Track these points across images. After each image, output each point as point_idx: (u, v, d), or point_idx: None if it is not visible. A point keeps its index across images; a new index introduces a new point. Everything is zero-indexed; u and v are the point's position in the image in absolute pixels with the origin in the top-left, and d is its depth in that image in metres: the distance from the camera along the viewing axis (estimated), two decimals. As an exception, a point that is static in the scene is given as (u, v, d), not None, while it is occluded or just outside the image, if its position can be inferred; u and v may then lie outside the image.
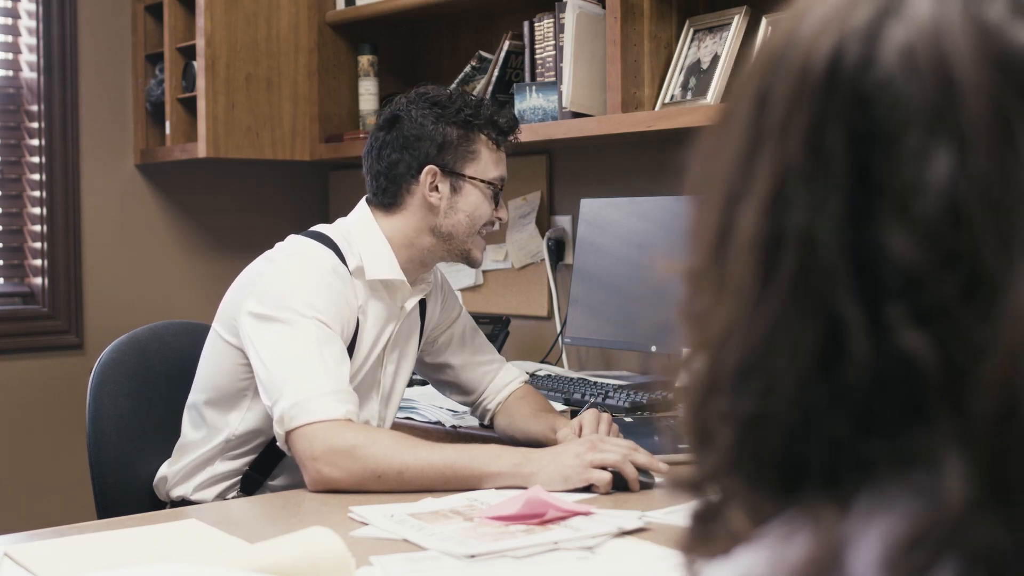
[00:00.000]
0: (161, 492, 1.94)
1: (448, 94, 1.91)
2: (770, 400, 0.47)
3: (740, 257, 0.48)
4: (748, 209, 0.48)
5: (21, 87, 3.22)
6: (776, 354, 0.47)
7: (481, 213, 1.89)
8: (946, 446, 0.44)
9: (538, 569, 1.27)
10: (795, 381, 0.46)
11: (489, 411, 2.07)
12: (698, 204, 0.52)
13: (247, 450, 1.87)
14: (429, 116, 1.87)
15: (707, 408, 0.50)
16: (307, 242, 1.84)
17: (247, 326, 1.75)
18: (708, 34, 2.46)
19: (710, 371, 0.50)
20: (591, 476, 1.59)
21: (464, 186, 1.88)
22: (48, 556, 1.31)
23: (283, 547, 1.16)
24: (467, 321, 2.11)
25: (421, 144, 1.86)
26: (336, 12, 3.19)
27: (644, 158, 2.78)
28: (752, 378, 0.48)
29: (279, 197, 3.59)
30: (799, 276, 0.46)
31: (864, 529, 0.46)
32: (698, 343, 0.51)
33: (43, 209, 3.19)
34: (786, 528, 0.48)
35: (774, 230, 0.47)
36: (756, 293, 0.48)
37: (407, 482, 1.60)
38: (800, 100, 0.47)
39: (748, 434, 0.48)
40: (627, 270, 2.56)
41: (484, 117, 1.89)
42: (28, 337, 3.16)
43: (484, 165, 1.89)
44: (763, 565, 0.48)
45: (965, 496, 0.43)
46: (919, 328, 0.44)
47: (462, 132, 1.88)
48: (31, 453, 3.17)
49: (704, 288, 0.51)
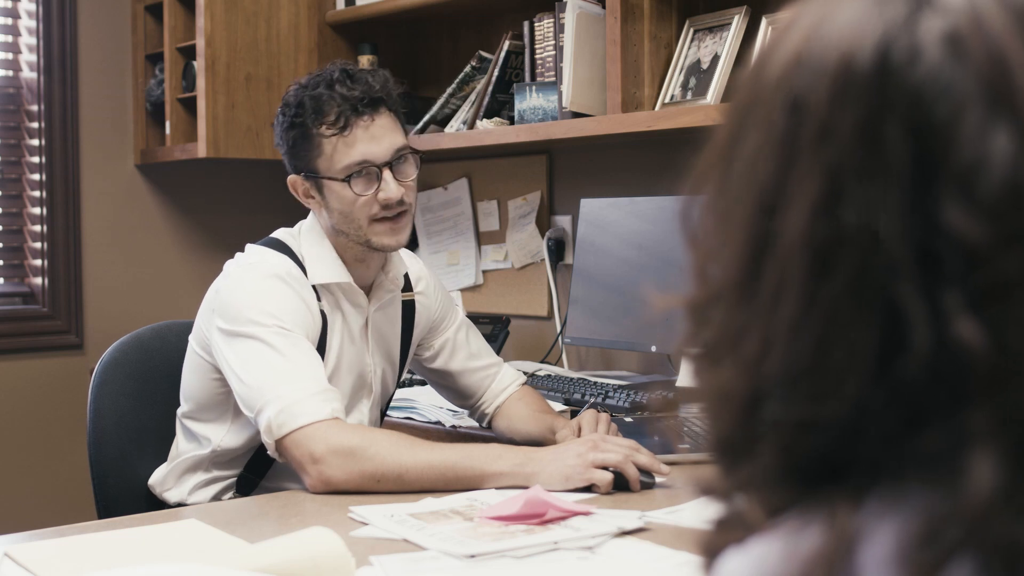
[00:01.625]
0: (157, 495, 1.93)
1: (295, 89, 1.80)
2: (825, 404, 0.47)
3: (786, 263, 0.48)
4: (794, 215, 0.48)
5: (21, 87, 3.22)
6: (832, 356, 0.47)
7: (351, 207, 1.77)
8: (981, 437, 0.44)
9: (538, 569, 1.27)
10: (853, 381, 0.46)
11: (488, 415, 2.06)
12: (718, 222, 0.52)
13: (236, 460, 1.87)
14: (282, 123, 1.81)
15: (749, 419, 0.50)
16: (260, 250, 1.83)
17: (216, 343, 1.75)
18: (708, 34, 2.46)
19: (749, 382, 0.49)
20: (592, 476, 1.58)
21: (324, 185, 1.80)
22: (48, 556, 1.31)
23: (283, 547, 1.16)
24: (464, 325, 2.08)
25: (284, 155, 1.84)
26: (336, 12, 3.19)
27: (644, 158, 2.78)
28: (803, 383, 0.48)
29: (279, 197, 3.57)
30: (858, 273, 0.46)
31: (877, 524, 0.46)
32: (725, 358, 0.51)
33: (43, 209, 3.19)
34: (800, 520, 0.48)
35: (828, 231, 0.47)
36: (806, 297, 0.47)
37: (408, 484, 1.60)
38: (844, 99, 0.47)
39: (798, 440, 0.48)
40: (627, 270, 2.56)
41: (308, 109, 1.76)
42: (28, 337, 3.16)
43: (328, 159, 1.77)
44: (776, 556, 0.48)
45: (992, 488, 0.43)
46: (975, 315, 0.44)
47: (298, 132, 1.78)
48: (31, 453, 3.17)
49: (731, 304, 0.51)
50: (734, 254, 0.51)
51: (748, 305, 0.50)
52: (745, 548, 0.50)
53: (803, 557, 0.47)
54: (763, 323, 0.49)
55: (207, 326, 1.79)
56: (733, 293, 0.51)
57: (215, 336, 1.76)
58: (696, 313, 0.53)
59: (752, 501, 0.51)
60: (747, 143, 0.51)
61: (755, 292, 0.50)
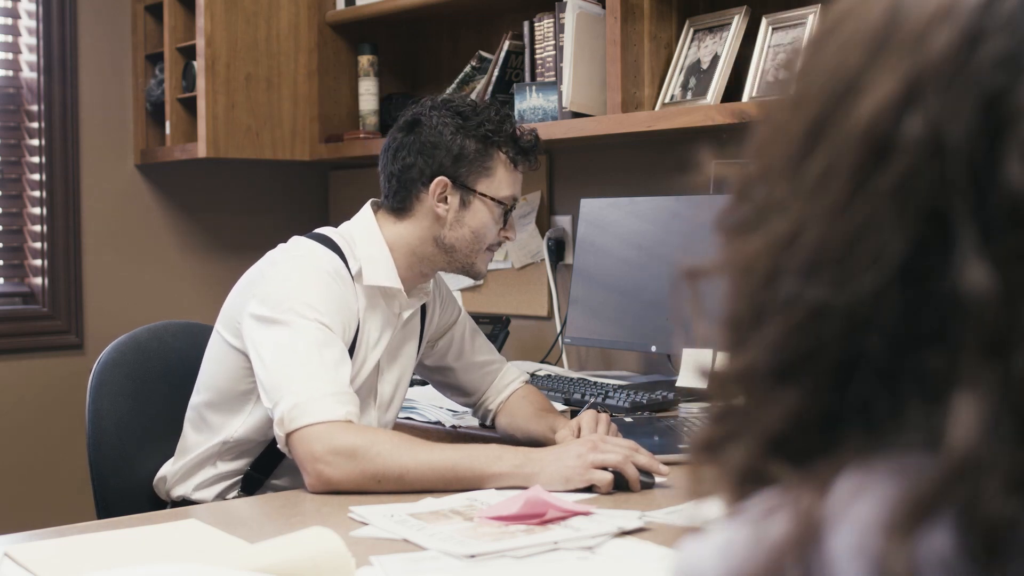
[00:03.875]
0: (161, 491, 1.94)
1: (473, 106, 1.88)
2: (842, 291, 0.47)
3: (842, 149, 0.48)
4: (865, 105, 0.48)
5: (21, 87, 3.22)
6: (861, 251, 0.46)
7: (487, 231, 1.87)
8: (970, 384, 0.44)
9: (538, 569, 1.27)
10: (872, 281, 0.46)
11: (491, 411, 2.07)
12: (790, 102, 0.52)
13: (244, 452, 1.87)
14: (449, 125, 1.85)
15: (768, 290, 0.49)
16: (310, 244, 1.84)
17: (249, 328, 1.75)
18: (708, 34, 2.46)
19: (774, 259, 0.49)
20: (592, 476, 1.59)
21: (473, 201, 1.86)
22: (48, 556, 1.31)
23: (283, 547, 1.16)
24: (467, 323, 2.10)
25: (437, 152, 1.85)
26: (336, 12, 3.19)
27: (644, 158, 2.78)
28: (826, 270, 0.47)
29: (279, 197, 3.59)
30: (912, 177, 0.46)
31: (845, 509, 0.46)
32: (757, 232, 0.51)
33: (43, 209, 3.19)
34: (767, 504, 0.48)
35: (893, 129, 0.47)
36: (853, 188, 0.47)
37: (408, 484, 1.60)
38: (945, 20, 0.47)
39: (807, 324, 0.48)
40: (627, 270, 2.56)
41: (505, 134, 1.86)
42: (28, 337, 3.16)
43: (498, 183, 1.87)
44: (743, 540, 0.48)
45: (974, 441, 0.43)
46: (997, 267, 0.44)
47: (480, 146, 1.85)
48: (31, 453, 3.17)
49: (776, 180, 0.51)
50: (793, 131, 0.51)
51: (792, 183, 0.50)
52: (712, 534, 0.50)
53: (771, 542, 0.46)
54: (802, 204, 0.49)
55: (240, 310, 1.79)
56: (781, 169, 0.51)
57: (246, 321, 1.75)
58: (743, 188, 0.53)
59: (745, 447, 0.50)
60: (840, 34, 0.51)
61: (803, 172, 0.50)
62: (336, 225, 1.92)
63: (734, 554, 0.48)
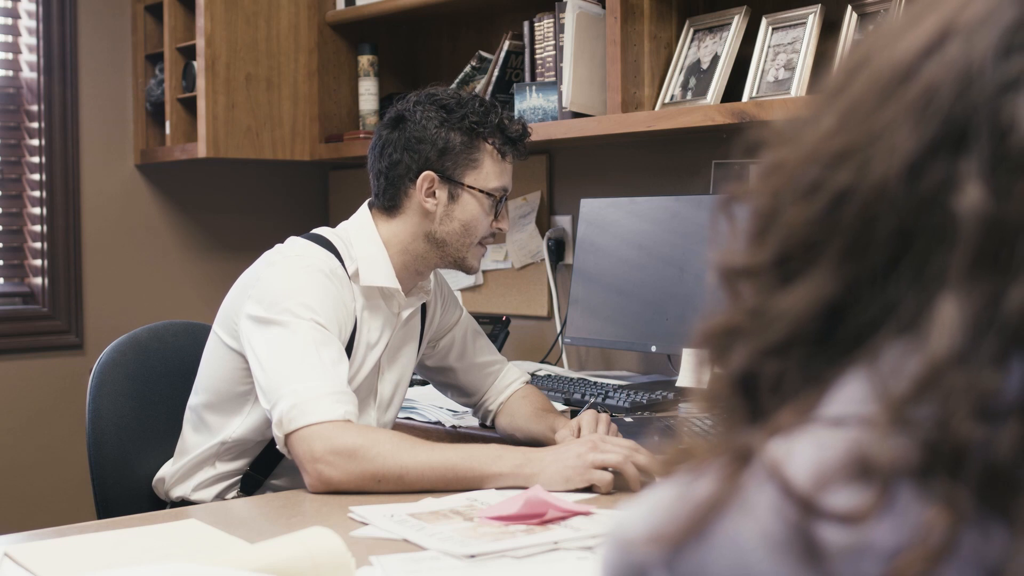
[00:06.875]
0: (160, 492, 1.94)
1: (458, 98, 1.87)
2: (863, 177, 0.50)
3: (877, 75, 0.52)
4: (903, 44, 0.51)
5: (21, 87, 3.22)
6: (878, 145, 0.50)
7: (477, 224, 1.86)
8: (955, 297, 0.46)
9: (538, 569, 1.27)
10: (883, 172, 0.49)
11: (491, 411, 2.07)
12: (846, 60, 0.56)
13: (243, 452, 1.87)
14: (434, 119, 1.84)
15: (794, 182, 0.52)
16: (306, 244, 1.83)
17: (246, 329, 1.75)
18: (708, 34, 2.46)
19: (806, 156, 0.52)
20: (592, 476, 1.59)
21: (462, 195, 1.85)
22: (48, 556, 1.31)
23: (283, 547, 1.16)
24: (469, 323, 2.10)
25: (422, 147, 1.84)
26: (336, 12, 3.19)
27: (644, 158, 2.78)
28: (848, 160, 0.51)
29: (279, 197, 3.59)
30: (933, 90, 0.49)
31: (767, 478, 0.48)
32: (788, 144, 0.54)
33: (43, 209, 3.19)
34: (697, 467, 0.51)
35: (925, 56, 0.50)
36: (881, 99, 0.51)
37: (408, 484, 1.60)
38: None
39: (832, 208, 0.50)
40: (627, 270, 2.56)
41: (491, 125, 1.85)
42: (28, 337, 3.16)
43: (485, 174, 1.86)
44: (669, 499, 0.50)
45: (953, 345, 0.45)
46: (996, 189, 0.46)
47: (465, 138, 1.84)
48: (31, 453, 3.17)
49: (818, 108, 0.54)
50: (844, 64, 0.55)
51: (830, 105, 0.53)
52: (645, 496, 0.52)
53: (694, 500, 0.49)
54: (836, 118, 0.52)
55: (237, 312, 1.79)
56: (824, 100, 0.54)
57: (244, 323, 1.75)
58: (789, 121, 0.56)
59: None
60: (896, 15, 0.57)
61: (841, 96, 0.53)
62: (335, 225, 1.92)
63: (659, 513, 0.50)
